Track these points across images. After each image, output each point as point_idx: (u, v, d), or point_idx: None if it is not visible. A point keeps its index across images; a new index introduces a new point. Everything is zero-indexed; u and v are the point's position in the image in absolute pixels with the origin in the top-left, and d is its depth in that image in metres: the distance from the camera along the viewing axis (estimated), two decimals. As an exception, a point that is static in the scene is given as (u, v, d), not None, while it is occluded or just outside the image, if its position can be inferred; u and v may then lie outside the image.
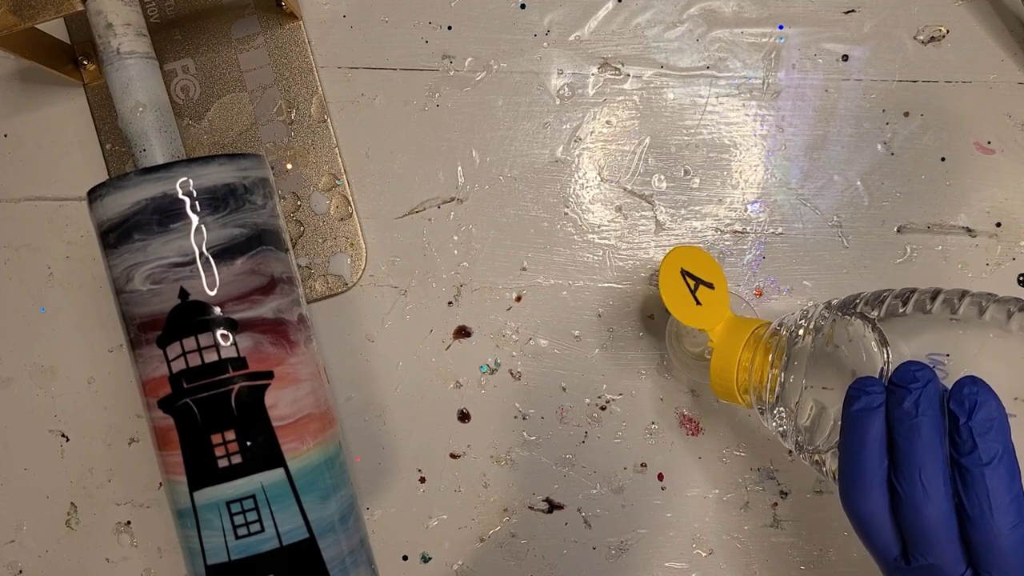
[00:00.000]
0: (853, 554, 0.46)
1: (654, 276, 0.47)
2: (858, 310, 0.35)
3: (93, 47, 0.48)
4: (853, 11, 0.46)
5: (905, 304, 0.34)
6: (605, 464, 0.47)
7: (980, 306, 0.33)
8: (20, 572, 0.50)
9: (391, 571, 0.48)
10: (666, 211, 0.47)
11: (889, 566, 0.31)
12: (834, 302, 0.38)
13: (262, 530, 0.36)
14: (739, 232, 0.47)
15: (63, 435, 0.49)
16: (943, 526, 0.29)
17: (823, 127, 0.46)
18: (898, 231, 0.46)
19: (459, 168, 0.48)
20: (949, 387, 0.30)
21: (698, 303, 0.40)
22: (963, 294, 0.33)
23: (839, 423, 0.33)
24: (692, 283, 0.40)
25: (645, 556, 0.47)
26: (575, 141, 0.47)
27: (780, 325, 0.39)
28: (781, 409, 0.37)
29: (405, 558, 0.48)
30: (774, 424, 0.38)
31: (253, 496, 0.36)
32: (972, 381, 0.29)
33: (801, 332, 0.37)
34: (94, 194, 0.37)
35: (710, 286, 0.41)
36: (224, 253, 0.36)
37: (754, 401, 0.39)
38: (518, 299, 0.47)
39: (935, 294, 0.34)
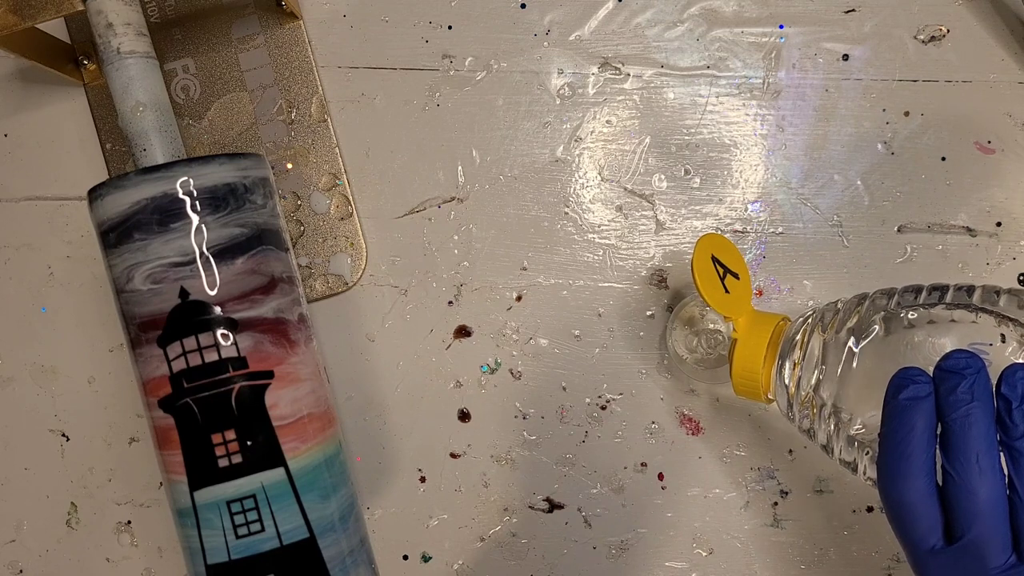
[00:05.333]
0: (853, 553, 0.46)
1: (655, 275, 0.47)
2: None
3: (93, 47, 0.48)
4: (853, 11, 0.46)
5: (943, 297, 0.36)
6: (605, 464, 0.47)
7: (1020, 300, 0.34)
8: (20, 572, 0.50)
9: (391, 571, 0.48)
10: (666, 211, 0.47)
11: (924, 554, 0.32)
12: (873, 296, 0.38)
13: (262, 530, 0.36)
14: (739, 232, 0.47)
15: (63, 435, 0.49)
16: (995, 508, 0.30)
17: (823, 127, 0.46)
18: (898, 231, 0.46)
19: (459, 168, 0.48)
20: (991, 376, 0.31)
21: (727, 291, 0.40)
22: (1000, 289, 0.35)
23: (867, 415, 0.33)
24: (721, 271, 0.40)
25: (645, 556, 0.47)
26: (575, 141, 0.47)
27: (807, 320, 0.39)
28: (811, 403, 0.38)
29: (405, 558, 0.48)
30: (804, 419, 0.38)
31: (253, 496, 0.36)
32: (1023, 368, 0.30)
33: (829, 326, 0.38)
34: (94, 194, 0.37)
35: (736, 276, 0.41)
36: (224, 253, 0.36)
37: (779, 395, 0.39)
38: (518, 299, 0.47)
39: (971, 289, 0.35)
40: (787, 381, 0.39)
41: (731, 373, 0.41)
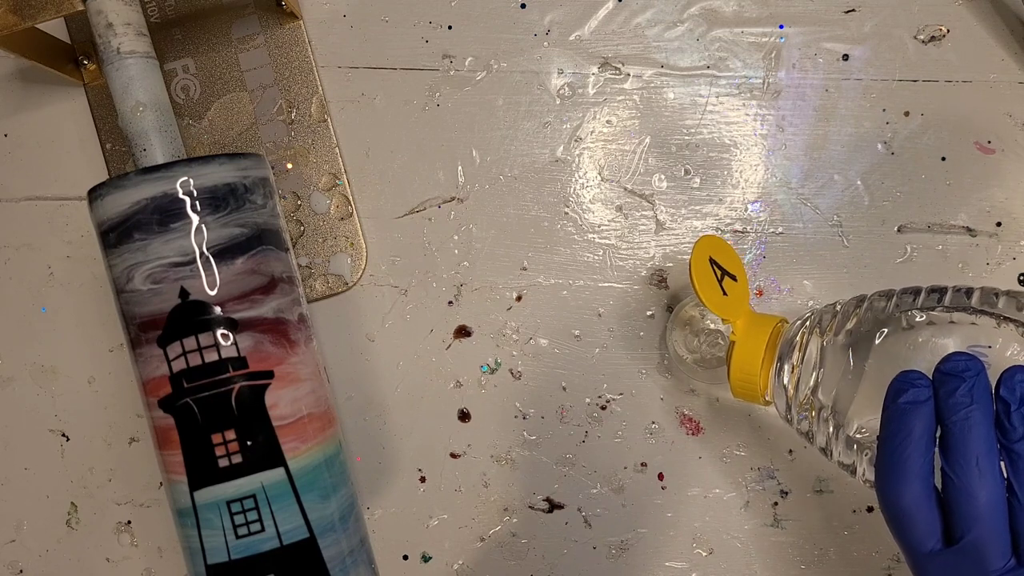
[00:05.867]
0: (853, 553, 0.46)
1: (655, 275, 0.47)
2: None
3: (93, 47, 0.48)
4: (853, 11, 0.46)
5: (942, 299, 0.36)
6: (605, 464, 0.47)
7: (1019, 301, 0.34)
8: (20, 572, 0.50)
9: (391, 571, 0.48)
10: (666, 211, 0.47)
11: (922, 557, 0.32)
12: (872, 298, 0.38)
13: (262, 530, 0.36)
14: (739, 232, 0.47)
15: (63, 435, 0.49)
16: (995, 511, 0.30)
17: (823, 127, 0.46)
18: (898, 231, 0.46)
19: (459, 168, 0.48)
20: (991, 378, 0.31)
21: (724, 293, 0.40)
22: (999, 291, 0.35)
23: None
24: (719, 272, 0.40)
25: (645, 556, 0.47)
26: (575, 141, 0.47)
27: (804, 322, 0.39)
28: (810, 406, 0.38)
29: (405, 558, 0.48)
30: (802, 421, 0.38)
31: (253, 496, 0.36)
32: (1022, 370, 0.30)
33: (827, 329, 0.38)
34: (94, 194, 0.37)
35: (734, 278, 0.41)
36: (224, 253, 0.36)
37: (778, 398, 0.39)
38: (518, 299, 0.47)
39: (970, 291, 0.35)
40: (786, 384, 0.39)
41: (729, 375, 0.40)
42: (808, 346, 0.38)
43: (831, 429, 0.37)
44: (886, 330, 0.36)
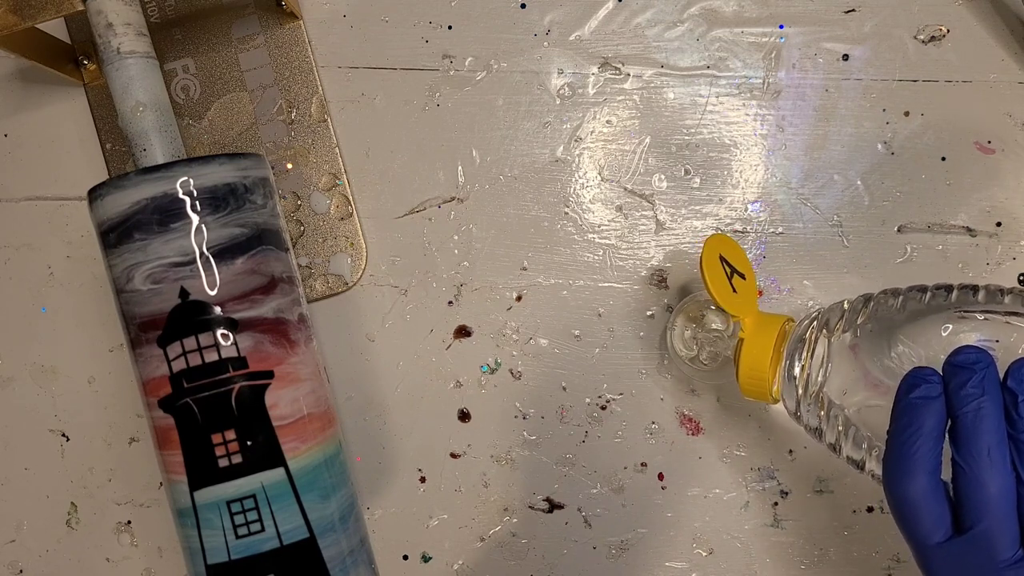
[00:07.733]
0: (853, 553, 0.46)
1: (655, 275, 0.47)
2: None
3: (93, 47, 0.48)
4: (853, 11, 0.46)
5: (949, 296, 0.36)
6: (605, 464, 0.47)
7: (1023, 299, 0.35)
8: (20, 572, 0.50)
9: (391, 571, 0.48)
10: (666, 211, 0.47)
11: (930, 550, 0.32)
12: (878, 297, 0.38)
13: (262, 530, 0.36)
14: (739, 232, 0.47)
15: (63, 435, 0.49)
16: (1006, 501, 0.30)
17: (823, 127, 0.46)
18: (898, 231, 0.46)
19: (459, 168, 0.48)
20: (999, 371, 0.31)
21: (734, 291, 0.40)
22: (1004, 288, 0.35)
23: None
24: (728, 271, 0.40)
25: (645, 556, 0.47)
26: (575, 141, 0.47)
27: (812, 320, 0.39)
28: (820, 403, 0.38)
29: (405, 558, 0.48)
30: (812, 418, 0.39)
31: (253, 496, 0.36)
32: None
33: (836, 327, 0.38)
34: (94, 194, 0.37)
35: (743, 276, 0.41)
36: (224, 253, 0.36)
37: (788, 395, 0.39)
38: (518, 299, 0.47)
39: (976, 288, 0.36)
40: (796, 381, 0.39)
41: (737, 374, 0.41)
42: (816, 343, 0.38)
43: (840, 426, 0.37)
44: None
